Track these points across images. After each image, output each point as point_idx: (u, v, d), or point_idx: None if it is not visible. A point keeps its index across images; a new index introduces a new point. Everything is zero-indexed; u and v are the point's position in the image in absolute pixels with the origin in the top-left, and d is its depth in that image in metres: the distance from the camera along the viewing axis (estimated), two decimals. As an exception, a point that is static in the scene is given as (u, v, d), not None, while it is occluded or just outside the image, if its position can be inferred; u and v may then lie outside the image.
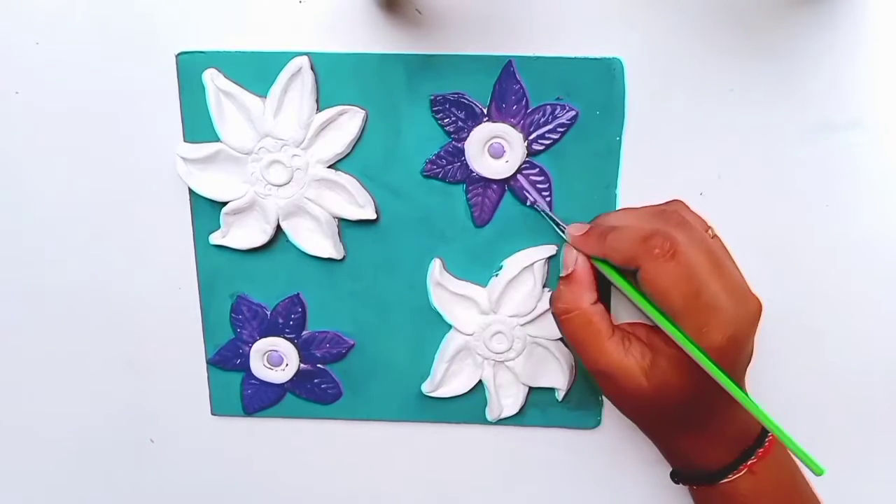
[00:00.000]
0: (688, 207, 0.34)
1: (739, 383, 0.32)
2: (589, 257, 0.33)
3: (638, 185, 0.36)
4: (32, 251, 0.40)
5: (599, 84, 0.35)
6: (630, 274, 0.32)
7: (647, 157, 0.36)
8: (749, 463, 0.32)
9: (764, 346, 0.38)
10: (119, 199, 0.38)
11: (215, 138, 0.36)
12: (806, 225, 0.37)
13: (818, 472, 0.28)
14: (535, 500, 0.42)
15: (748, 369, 0.33)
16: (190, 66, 0.36)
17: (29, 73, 0.37)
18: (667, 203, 0.35)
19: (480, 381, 0.39)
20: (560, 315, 0.33)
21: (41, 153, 0.38)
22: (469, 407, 0.40)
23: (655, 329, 0.32)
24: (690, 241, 0.30)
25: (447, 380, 0.39)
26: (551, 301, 0.34)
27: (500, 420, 0.40)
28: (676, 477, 0.36)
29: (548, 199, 0.37)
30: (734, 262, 0.33)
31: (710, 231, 0.33)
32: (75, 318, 0.41)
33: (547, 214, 0.36)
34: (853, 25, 0.34)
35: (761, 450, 0.32)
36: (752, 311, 0.31)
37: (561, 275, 0.34)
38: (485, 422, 0.40)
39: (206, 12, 0.35)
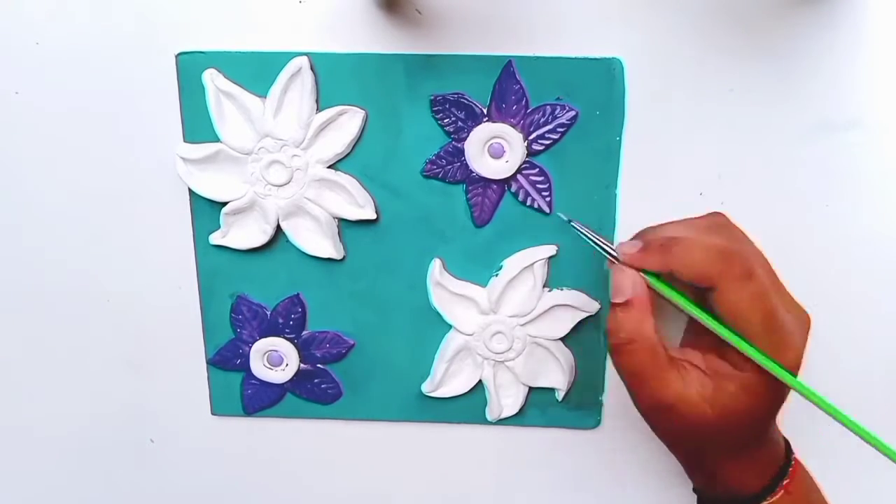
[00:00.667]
0: (728, 218, 0.32)
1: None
2: (645, 280, 0.30)
3: (638, 185, 0.36)
4: (32, 251, 0.40)
5: (599, 84, 0.35)
6: (690, 291, 0.30)
7: (647, 157, 0.36)
8: (785, 483, 0.32)
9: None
10: (119, 199, 0.38)
11: (215, 138, 0.36)
12: (806, 225, 0.37)
13: None
14: (535, 500, 0.42)
15: None
16: (190, 66, 0.36)
17: (29, 73, 0.37)
18: (710, 215, 0.33)
19: (480, 381, 0.39)
20: (622, 346, 0.30)
21: (41, 153, 0.38)
22: (469, 407, 0.40)
23: (714, 353, 0.30)
24: (755, 257, 0.30)
25: (447, 380, 0.39)
26: (608, 333, 0.30)
27: (500, 420, 0.40)
28: (702, 500, 0.35)
29: (548, 199, 0.37)
30: None
31: None
32: (75, 318, 0.41)
33: (591, 239, 0.32)
34: (853, 25, 0.34)
35: (791, 468, 0.32)
36: (807, 325, 0.30)
37: (614, 301, 0.30)
38: (485, 422, 0.40)
39: (206, 12, 0.35)
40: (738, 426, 0.30)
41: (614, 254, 0.31)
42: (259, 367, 0.40)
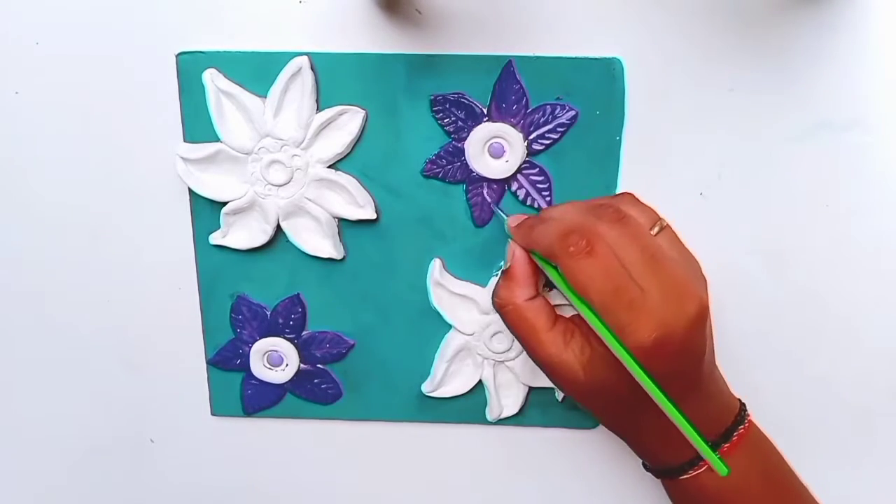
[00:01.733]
0: (635, 200, 0.34)
1: (685, 383, 0.30)
2: (527, 251, 0.33)
3: (638, 186, 0.36)
4: (32, 251, 0.40)
5: (599, 84, 0.35)
6: None
7: (647, 157, 0.36)
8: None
9: (763, 346, 0.38)
10: (119, 199, 0.38)
11: (215, 138, 0.36)
12: (806, 225, 0.37)
13: (722, 473, 0.29)
14: (535, 499, 0.42)
15: (720, 364, 0.33)
16: (190, 66, 0.36)
17: (29, 73, 0.37)
18: (614, 196, 0.34)
19: (480, 381, 0.39)
20: (499, 308, 0.33)
21: (41, 153, 0.38)
22: (469, 407, 0.40)
23: None
24: (621, 236, 0.30)
25: (447, 380, 0.39)
26: (492, 294, 0.34)
27: (500, 420, 0.40)
28: (647, 468, 0.36)
29: (548, 198, 0.37)
30: (682, 258, 0.32)
31: (658, 224, 0.32)
32: (75, 318, 0.41)
33: (498, 208, 0.37)
34: (853, 25, 0.34)
35: (727, 445, 0.32)
36: (689, 311, 0.29)
37: (503, 268, 0.34)
38: (485, 422, 0.40)
39: (206, 12, 0.35)
40: (610, 396, 0.31)
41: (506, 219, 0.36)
42: (259, 368, 0.40)
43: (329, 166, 0.36)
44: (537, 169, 0.36)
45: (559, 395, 0.40)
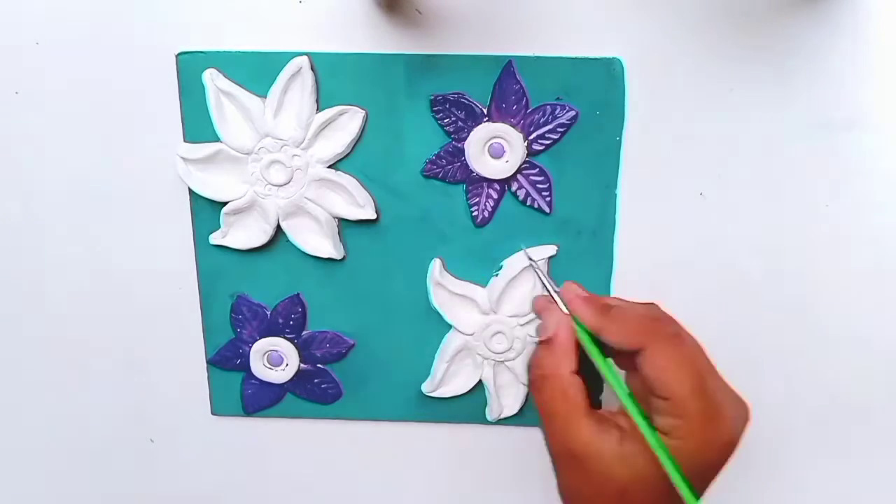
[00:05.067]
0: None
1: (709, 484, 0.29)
2: (573, 326, 0.30)
3: (638, 185, 0.36)
4: (33, 251, 0.40)
5: (599, 84, 0.35)
6: (611, 353, 0.30)
7: (647, 157, 0.36)
8: None
9: (764, 346, 0.38)
10: (119, 199, 0.38)
11: (215, 138, 0.36)
12: (806, 225, 0.37)
13: None
14: (535, 499, 0.42)
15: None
16: (190, 66, 0.36)
17: (29, 73, 0.37)
18: (647, 303, 0.32)
19: (480, 381, 0.39)
20: (536, 381, 0.30)
21: (41, 153, 0.38)
22: (469, 407, 0.40)
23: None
24: (689, 335, 0.30)
25: (447, 380, 0.39)
26: (528, 367, 0.31)
27: (500, 420, 0.40)
28: None
29: (548, 199, 0.37)
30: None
31: None
32: (75, 318, 0.41)
33: (541, 275, 0.34)
34: (853, 25, 0.34)
35: None
36: (746, 416, 0.29)
37: (539, 338, 0.31)
38: (485, 422, 0.40)
39: (206, 12, 0.35)
40: (640, 498, 0.28)
41: (556, 290, 0.32)
42: (259, 367, 0.40)
43: (329, 166, 0.36)
44: (537, 169, 0.36)
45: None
